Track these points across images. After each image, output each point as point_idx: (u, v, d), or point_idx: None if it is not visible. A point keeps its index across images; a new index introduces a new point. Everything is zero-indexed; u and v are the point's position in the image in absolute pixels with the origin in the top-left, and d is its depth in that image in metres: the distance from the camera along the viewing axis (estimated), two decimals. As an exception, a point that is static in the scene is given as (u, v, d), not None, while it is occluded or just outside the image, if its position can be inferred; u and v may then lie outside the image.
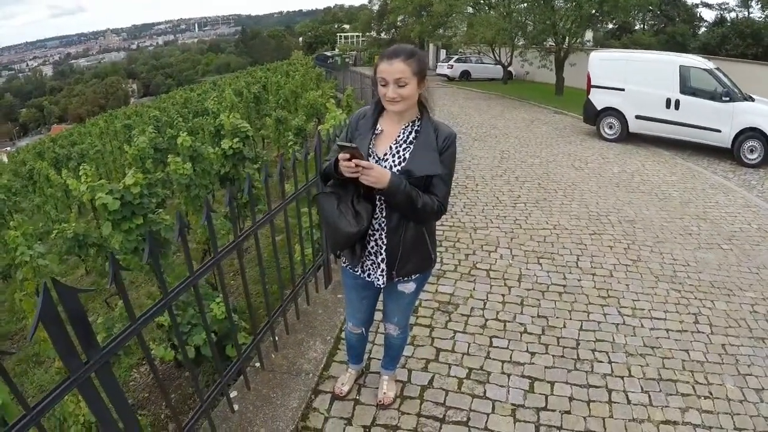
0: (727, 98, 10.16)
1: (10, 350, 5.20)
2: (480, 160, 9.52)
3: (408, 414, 2.98)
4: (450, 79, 29.67)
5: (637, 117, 11.39)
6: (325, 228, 2.35)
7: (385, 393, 3.05)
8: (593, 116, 12.23)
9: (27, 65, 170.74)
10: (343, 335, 3.54)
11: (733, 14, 34.62)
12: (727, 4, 36.18)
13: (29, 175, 15.19)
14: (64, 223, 5.06)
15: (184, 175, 6.05)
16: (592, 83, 12.20)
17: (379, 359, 3.24)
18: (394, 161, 2.29)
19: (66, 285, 1.52)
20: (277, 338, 3.31)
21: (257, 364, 3.11)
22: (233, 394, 2.89)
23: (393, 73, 2.15)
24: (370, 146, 2.31)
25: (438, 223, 5.83)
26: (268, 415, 2.78)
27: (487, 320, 4.05)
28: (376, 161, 2.28)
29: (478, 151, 10.33)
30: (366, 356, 3.34)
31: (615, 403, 3.19)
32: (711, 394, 3.34)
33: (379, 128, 2.36)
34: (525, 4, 23.09)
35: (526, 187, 7.82)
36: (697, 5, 38.47)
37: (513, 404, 3.12)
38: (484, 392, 3.21)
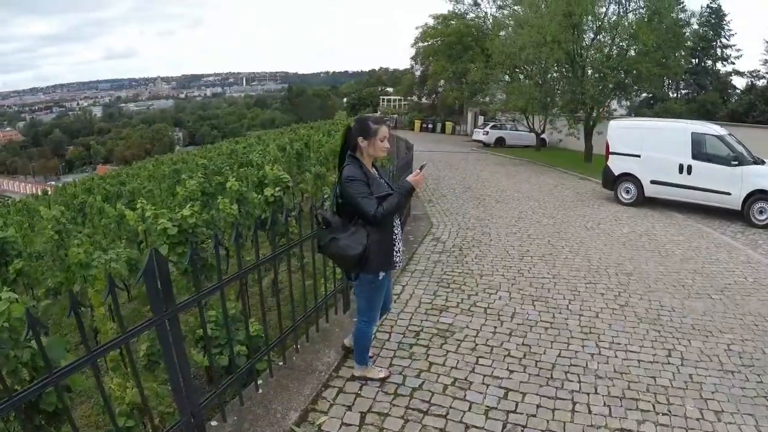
0: (736, 162, 10.74)
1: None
2: (498, 220, 10.27)
3: (398, 406, 3.71)
4: (485, 145, 30.45)
5: (652, 182, 11.99)
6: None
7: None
8: (611, 181, 12.88)
9: (78, 104, 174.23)
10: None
11: (762, 81, 35.04)
12: (758, 71, 36.74)
13: (80, 207, 16.46)
14: (118, 250, 5.89)
15: (230, 215, 6.96)
16: (611, 150, 12.89)
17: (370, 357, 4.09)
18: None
19: (162, 257, 2.41)
20: (299, 345, 4.13)
21: (281, 363, 3.91)
22: (259, 381, 3.69)
23: (387, 133, 3.41)
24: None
25: (449, 269, 6.60)
26: (285, 398, 3.59)
27: (477, 345, 4.76)
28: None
29: (497, 211, 11.10)
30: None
31: (577, 412, 3.78)
32: (670, 412, 3.86)
33: (372, 171, 3.51)
34: (556, 74, 24.11)
35: (535, 243, 8.50)
36: (729, 73, 39.07)
37: (487, 406, 3.78)
38: (464, 396, 3.89)
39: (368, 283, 3.58)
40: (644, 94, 32.34)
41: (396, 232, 3.61)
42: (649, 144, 12.11)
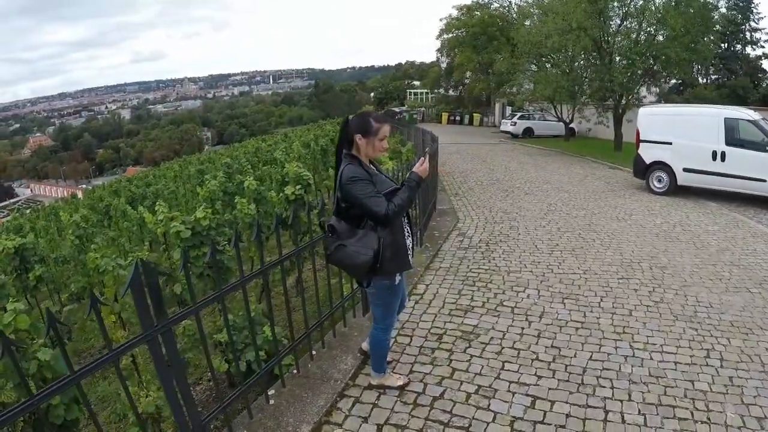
0: (772, 148, 10.21)
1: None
2: (526, 212, 9.94)
3: (417, 417, 3.47)
4: (513, 136, 29.87)
5: (685, 170, 11.49)
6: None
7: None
8: (643, 170, 12.40)
9: (106, 107, 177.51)
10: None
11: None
12: (789, 55, 35.42)
13: (105, 210, 16.65)
14: (138, 253, 5.79)
15: (248, 215, 6.81)
16: (641, 138, 12.40)
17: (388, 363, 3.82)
18: None
19: (150, 265, 2.22)
20: (314, 352, 3.92)
21: (294, 371, 3.70)
22: (271, 392, 3.50)
23: (388, 133, 3.12)
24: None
25: (475, 266, 6.35)
26: (298, 409, 3.38)
27: (503, 348, 4.48)
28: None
29: (526, 204, 10.75)
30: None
31: (609, 422, 3.50)
32: (709, 420, 3.55)
33: (371, 167, 3.26)
34: (583, 62, 23.49)
35: (565, 237, 8.16)
36: (759, 57, 37.75)
37: (513, 416, 3.53)
38: (488, 405, 3.64)
39: (384, 289, 3.32)
40: (673, 81, 31.45)
41: (406, 229, 3.35)
42: (681, 131, 11.59)
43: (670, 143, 11.72)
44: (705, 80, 38.51)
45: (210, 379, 4.54)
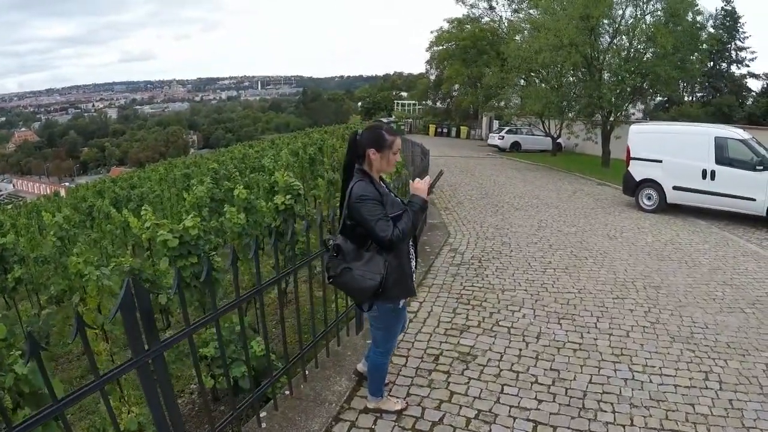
0: (761, 167, 10.28)
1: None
2: (517, 228, 9.88)
3: (417, 444, 3.34)
4: (501, 150, 29.95)
5: (675, 188, 11.54)
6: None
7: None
8: (632, 188, 12.43)
9: (93, 105, 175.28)
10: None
11: (779, 83, 34.52)
12: (774, 73, 36.05)
13: (89, 211, 16.28)
14: (121, 258, 5.58)
15: (237, 224, 6.66)
16: (631, 155, 12.44)
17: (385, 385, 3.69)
18: None
19: (142, 286, 2.09)
20: (307, 372, 3.78)
21: (287, 392, 3.57)
22: (262, 414, 3.35)
23: (400, 145, 3.04)
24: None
25: (469, 284, 6.26)
26: (292, 435, 3.21)
27: (501, 370, 4.38)
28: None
29: (516, 220, 10.70)
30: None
31: (613, 447, 3.43)
32: (711, 445, 3.51)
33: (382, 185, 3.09)
34: (572, 78, 23.67)
35: (558, 254, 8.11)
36: (744, 76, 38.41)
37: (514, 442, 3.43)
38: (489, 431, 3.53)
39: (387, 313, 3.20)
40: (659, 98, 31.82)
41: (412, 252, 3.24)
42: (671, 149, 11.65)
43: (661, 161, 11.77)
44: (690, 98, 39.12)
45: (192, 392, 4.41)
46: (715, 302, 6.18)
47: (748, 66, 39.26)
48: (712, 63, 36.89)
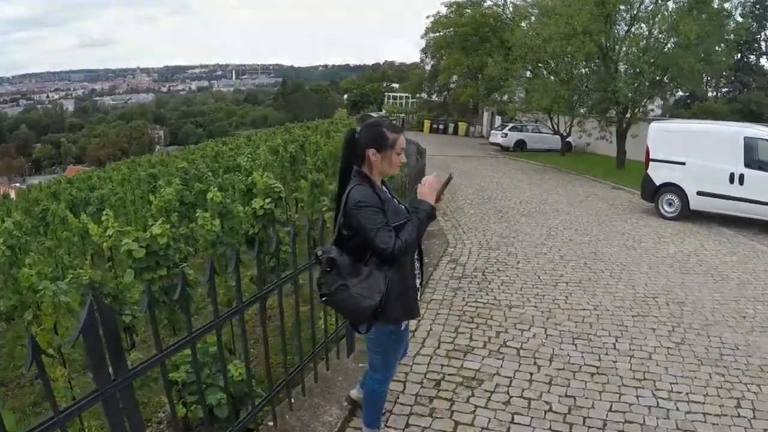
0: (795, 171, 10.38)
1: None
2: (524, 237, 9.93)
3: (419, 481, 3.33)
4: (503, 148, 30.08)
5: (699, 193, 11.60)
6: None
7: None
8: (652, 192, 12.52)
9: (47, 96, 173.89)
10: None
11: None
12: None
13: (42, 216, 16.14)
14: (79, 269, 5.49)
15: (211, 232, 6.55)
16: (651, 156, 12.52)
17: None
18: None
19: (107, 305, 2.06)
20: (293, 400, 3.75)
21: (270, 423, 3.53)
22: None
23: (404, 144, 2.95)
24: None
25: (472, 299, 6.26)
26: (278, 473, 3.18)
27: (511, 397, 4.38)
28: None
29: (523, 227, 10.75)
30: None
31: (638, 485, 3.44)
32: (744, 479, 3.53)
33: (384, 190, 3.05)
34: (585, 70, 23.77)
35: (570, 266, 8.15)
36: (775, 70, 38.61)
37: (528, 479, 3.42)
38: (499, 466, 3.53)
39: (387, 335, 3.12)
40: (679, 93, 31.97)
41: (417, 266, 3.20)
42: (696, 150, 11.71)
43: (683, 163, 11.84)
44: (715, 93, 39.25)
45: (160, 422, 4.36)
46: (745, 321, 6.22)
47: (779, 59, 39.49)
48: (739, 55, 37.07)
